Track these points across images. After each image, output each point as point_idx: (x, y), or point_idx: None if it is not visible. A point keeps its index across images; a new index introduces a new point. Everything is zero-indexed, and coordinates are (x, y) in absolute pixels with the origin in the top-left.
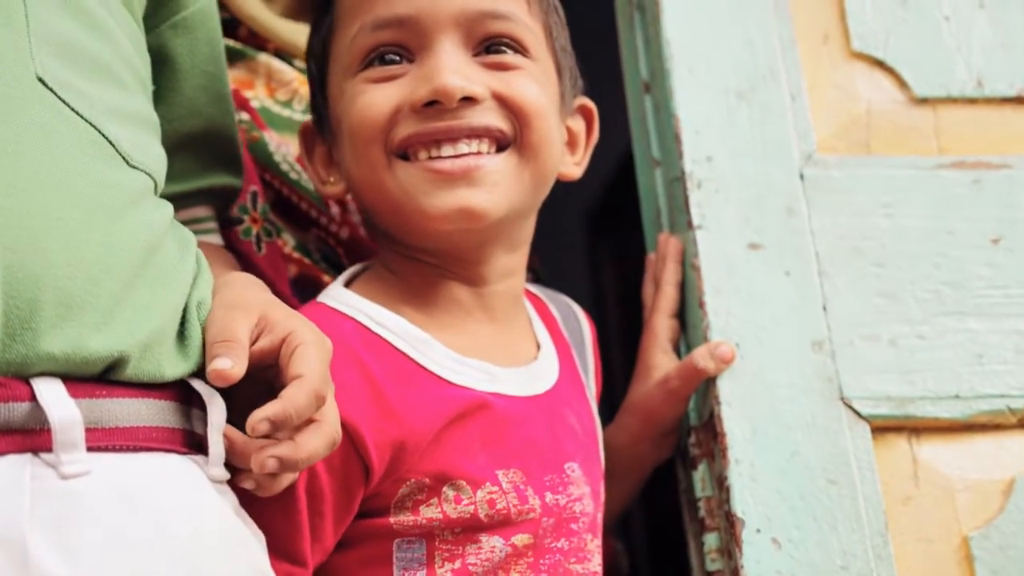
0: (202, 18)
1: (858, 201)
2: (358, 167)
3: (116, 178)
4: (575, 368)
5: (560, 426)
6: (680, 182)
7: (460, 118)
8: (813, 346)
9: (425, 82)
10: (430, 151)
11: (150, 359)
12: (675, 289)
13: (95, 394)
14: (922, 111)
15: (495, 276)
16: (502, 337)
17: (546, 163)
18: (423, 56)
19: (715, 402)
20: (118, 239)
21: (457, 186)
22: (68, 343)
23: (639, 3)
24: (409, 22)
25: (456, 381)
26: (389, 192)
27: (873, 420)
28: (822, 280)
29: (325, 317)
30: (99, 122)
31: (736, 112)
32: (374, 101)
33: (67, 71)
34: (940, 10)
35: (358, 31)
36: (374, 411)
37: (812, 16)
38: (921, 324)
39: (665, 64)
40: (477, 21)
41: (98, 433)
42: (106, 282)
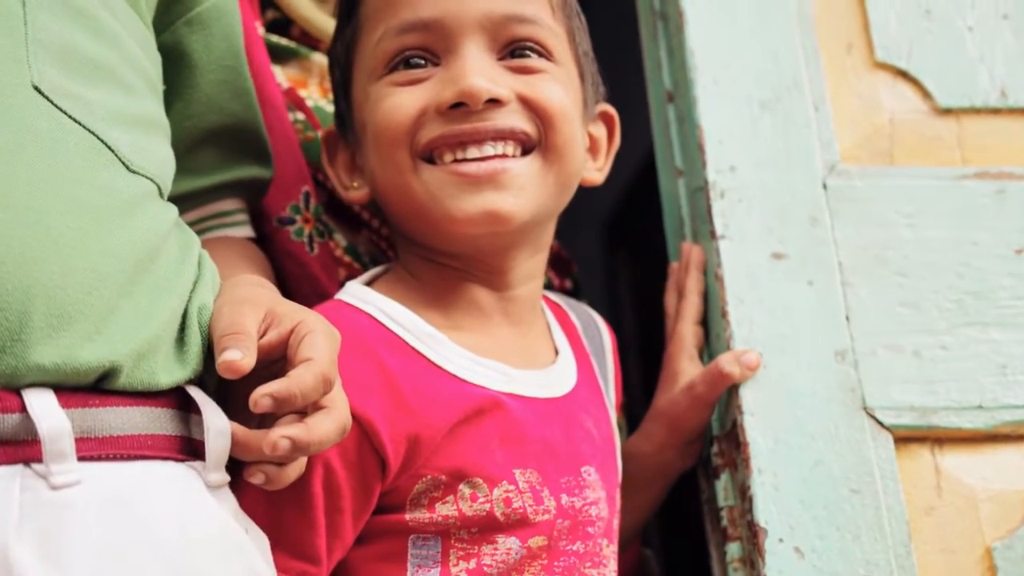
0: (217, 13)
1: (881, 211)
2: (384, 170)
3: (114, 184)
4: (594, 375)
5: (577, 430)
6: (703, 192)
7: (486, 120)
8: (836, 356)
9: (451, 84)
10: (456, 153)
11: (144, 368)
12: (700, 297)
13: (88, 403)
14: (945, 121)
15: (517, 280)
16: (521, 341)
17: (570, 166)
18: (448, 59)
19: (738, 411)
20: (114, 246)
21: (483, 189)
22: (59, 354)
23: (662, 13)
24: (434, 25)
25: (471, 379)
26: (415, 195)
27: (896, 430)
28: (845, 290)
29: (341, 312)
30: (98, 128)
31: (759, 122)
32: (399, 104)
33: (66, 77)
34: (964, 20)
35: (382, 35)
36: (388, 404)
37: (835, 26)
38: (944, 334)
39: (689, 74)
40: (502, 24)
41: (90, 442)
42: (100, 290)
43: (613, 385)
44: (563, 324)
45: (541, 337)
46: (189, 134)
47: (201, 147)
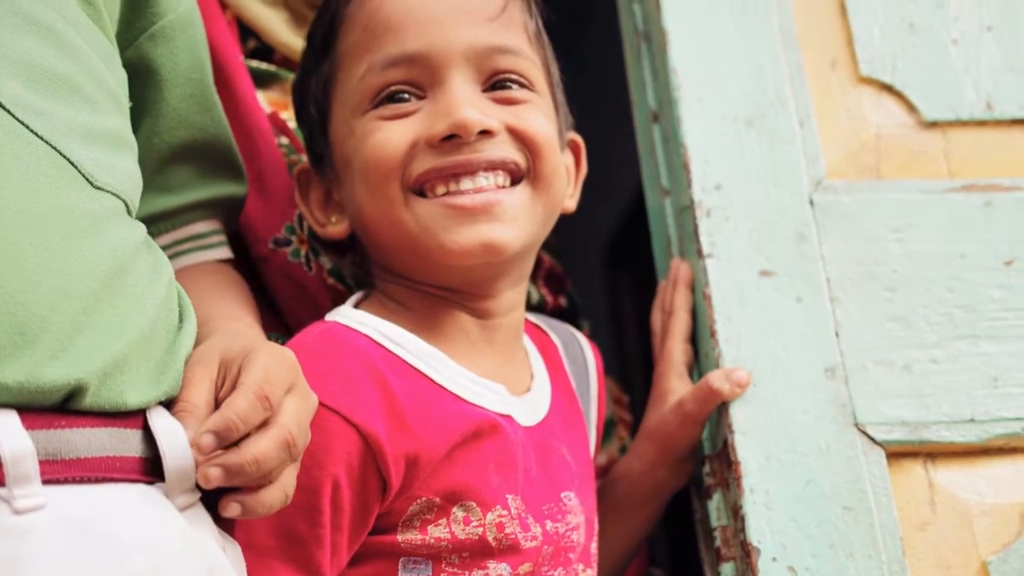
0: (180, 26)
1: (869, 226)
2: (373, 204)
3: (77, 201)
4: (573, 398)
5: (552, 456)
6: (690, 211)
7: (478, 151)
8: (826, 372)
9: (442, 117)
10: (448, 185)
11: (111, 386)
12: (688, 314)
13: (53, 424)
14: (932, 135)
15: (501, 310)
16: (506, 368)
17: (556, 195)
18: (435, 92)
19: (728, 431)
20: (78, 263)
21: (478, 221)
22: (22, 373)
23: (646, 33)
24: (420, 59)
25: (471, 400)
26: (407, 228)
27: (888, 445)
28: (834, 306)
29: (339, 332)
30: (61, 143)
31: (745, 140)
32: (389, 137)
33: (29, 91)
34: (948, 33)
35: (367, 70)
36: (391, 424)
37: (819, 42)
38: (935, 348)
39: (673, 94)
40: (486, 56)
41: (56, 465)
42: (64, 308)
43: (595, 405)
44: (542, 347)
45: (521, 364)
46: (159, 151)
47: (172, 164)
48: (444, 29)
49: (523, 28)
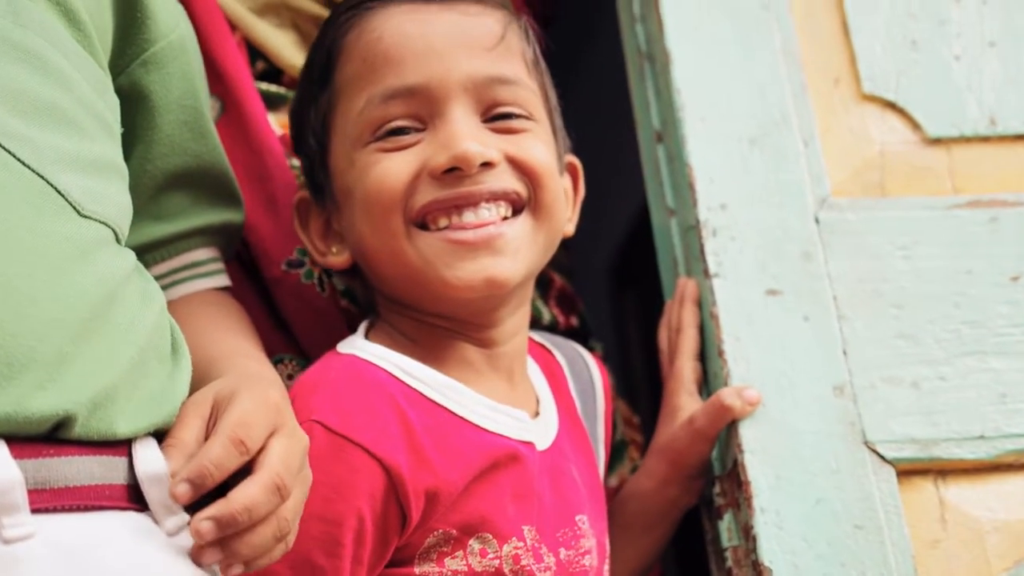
0: (173, 53)
1: (875, 243)
2: (374, 236)
3: (64, 230)
4: (577, 419)
5: (564, 480)
6: (695, 230)
7: (480, 183)
8: (835, 391)
9: (444, 149)
10: (451, 217)
11: (100, 417)
12: (696, 331)
13: (42, 453)
14: (936, 151)
15: (504, 337)
16: (513, 394)
17: (557, 223)
18: (436, 123)
19: (738, 450)
20: (66, 293)
21: (480, 255)
22: (10, 403)
23: (649, 53)
24: (420, 91)
25: (492, 428)
26: (409, 261)
27: (898, 463)
28: (841, 324)
29: (358, 366)
30: (47, 172)
31: (749, 159)
32: (391, 170)
33: (15, 119)
34: (950, 50)
35: (367, 102)
36: (412, 458)
37: (822, 60)
38: (943, 365)
39: (676, 113)
40: (486, 87)
41: (44, 494)
42: (52, 338)
43: (603, 423)
44: (546, 366)
45: (527, 389)
46: (152, 178)
47: (167, 191)
48: (443, 61)
49: (521, 56)
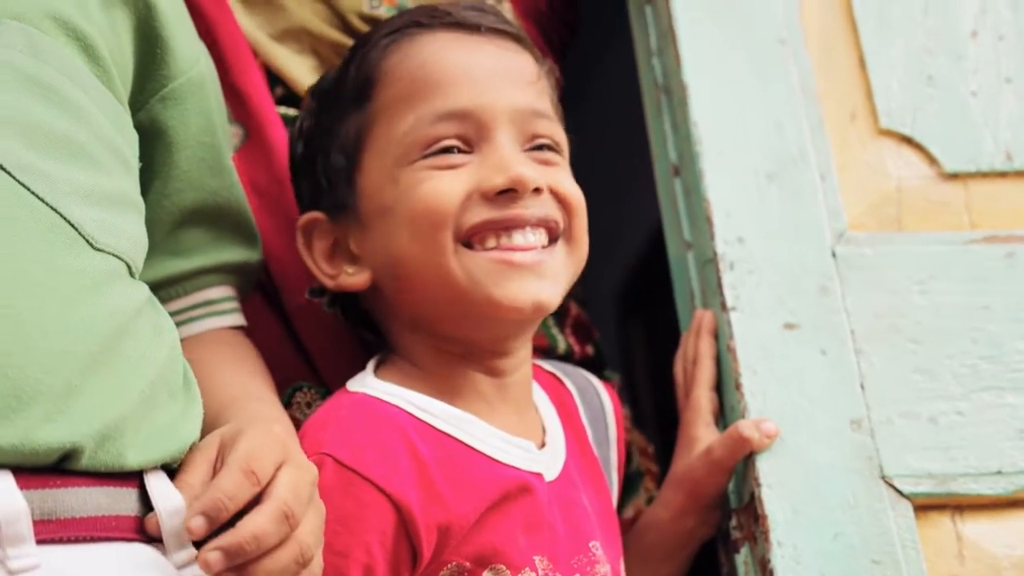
0: (191, 88)
1: (892, 278)
2: (422, 252)
3: (76, 263)
4: (588, 446)
5: (574, 508)
6: (713, 264)
7: (528, 207)
8: (852, 425)
9: (500, 171)
10: (499, 239)
11: (109, 449)
12: (713, 362)
13: (48, 484)
14: (952, 186)
15: (514, 366)
16: (521, 425)
17: (584, 254)
18: (484, 147)
19: (755, 484)
20: (76, 325)
21: (527, 278)
22: (16, 435)
23: (666, 87)
24: (470, 115)
25: (504, 460)
26: (454, 279)
27: (915, 498)
28: (858, 358)
29: (369, 403)
30: (60, 205)
31: (766, 193)
32: (444, 188)
33: (30, 152)
34: (966, 85)
35: (416, 122)
36: (423, 494)
37: (839, 95)
38: (960, 400)
39: (694, 147)
40: (527, 119)
41: (50, 525)
42: (61, 371)
43: (615, 449)
44: (556, 395)
45: (534, 419)
46: (169, 213)
47: (184, 227)
48: (491, 88)
49: (550, 97)
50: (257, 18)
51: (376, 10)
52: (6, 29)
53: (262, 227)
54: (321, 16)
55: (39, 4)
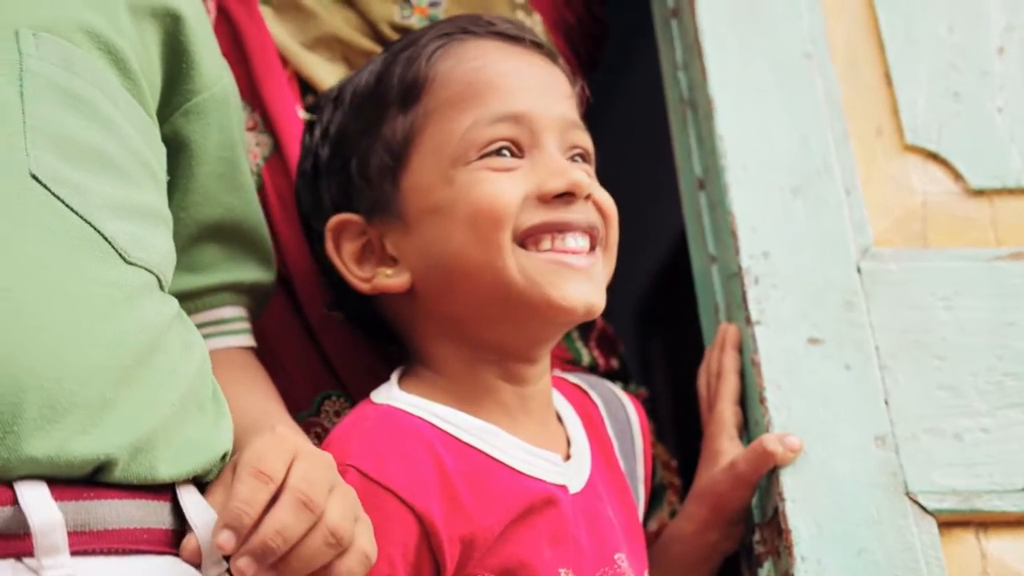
0: (215, 104)
1: (917, 294)
2: (480, 251)
3: (110, 276)
4: (614, 459)
5: (600, 520)
6: (737, 278)
7: (579, 213)
8: (876, 440)
9: (558, 176)
10: (554, 241)
11: (142, 461)
12: (737, 376)
13: (82, 496)
14: (978, 202)
15: (536, 375)
16: (544, 435)
17: (614, 263)
18: (535, 152)
19: (779, 498)
20: (110, 339)
21: (580, 279)
22: (52, 446)
23: (691, 101)
24: (525, 119)
25: (529, 472)
26: (510, 278)
27: (939, 515)
28: (883, 374)
29: (394, 415)
30: (94, 217)
31: (792, 207)
32: (504, 188)
33: (65, 165)
34: (992, 102)
35: (474, 123)
36: (447, 506)
37: (865, 110)
38: (985, 416)
39: (719, 161)
40: (569, 129)
41: (85, 536)
42: (95, 383)
43: (642, 462)
44: (581, 407)
45: (556, 430)
46: (187, 227)
47: (200, 243)
48: (542, 96)
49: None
50: (288, 26)
51: (407, 20)
52: (41, 42)
53: (286, 237)
54: (352, 25)
55: (73, 17)
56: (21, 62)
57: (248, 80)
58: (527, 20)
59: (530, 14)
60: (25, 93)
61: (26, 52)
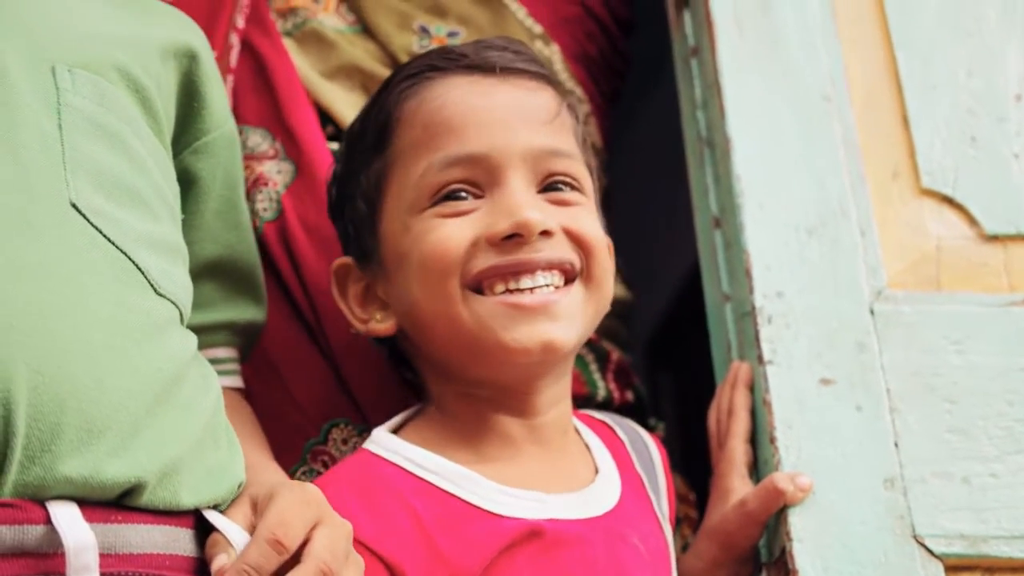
0: (223, 143)
1: (929, 337)
2: (431, 301)
3: (144, 305)
4: (643, 490)
5: (621, 546)
6: (750, 317)
7: (537, 251)
8: (885, 483)
9: (505, 216)
10: (508, 283)
11: (167, 487)
12: (748, 414)
13: (110, 519)
14: (992, 248)
15: (544, 406)
16: (555, 465)
17: (606, 294)
18: (495, 191)
19: (787, 538)
20: (143, 365)
21: (537, 319)
22: (86, 468)
23: (709, 140)
24: (480, 159)
25: (505, 512)
26: (464, 325)
27: (946, 559)
28: (893, 416)
29: (370, 463)
30: (130, 249)
31: (806, 248)
32: (450, 235)
33: (100, 198)
34: (1009, 148)
35: (426, 168)
36: (423, 555)
37: (882, 153)
38: (994, 462)
39: (735, 200)
40: (543, 158)
41: (111, 559)
42: (129, 408)
43: (666, 499)
44: (609, 442)
45: (578, 458)
46: (191, 263)
47: (199, 280)
48: (504, 131)
49: (573, 133)
50: (310, 57)
51: (426, 49)
52: (76, 78)
53: (310, 262)
54: (373, 56)
55: (106, 55)
56: (58, 97)
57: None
58: (545, 50)
59: (548, 44)
60: (64, 126)
61: (63, 87)
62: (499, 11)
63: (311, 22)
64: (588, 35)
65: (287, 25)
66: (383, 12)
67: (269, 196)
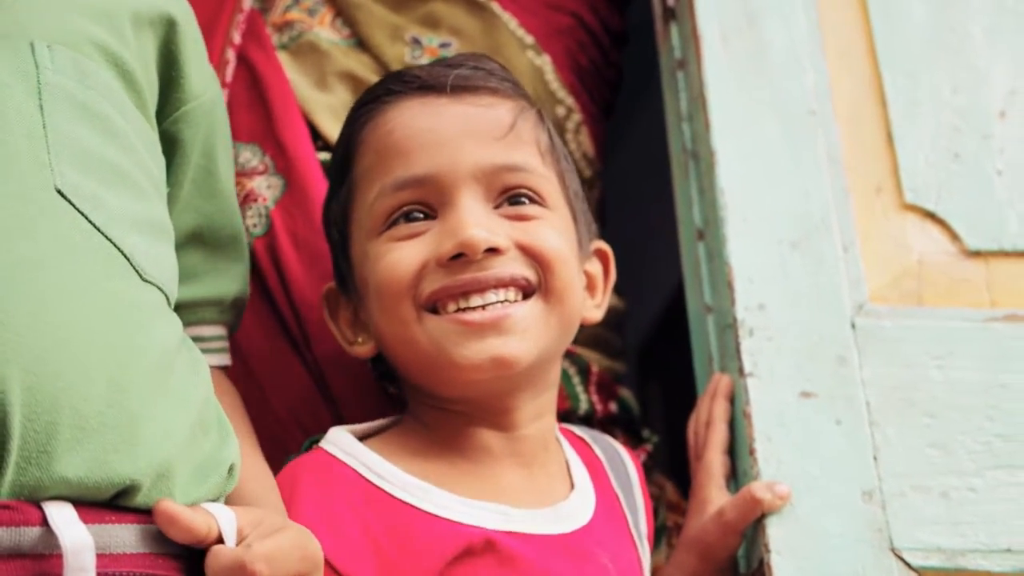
0: (203, 111)
1: (910, 352)
2: (388, 324)
3: (130, 294)
4: (619, 508)
5: (588, 565)
6: (732, 329)
7: (486, 269)
8: (864, 496)
9: (450, 236)
10: (459, 303)
11: (160, 487)
12: (726, 426)
13: (104, 519)
14: (974, 264)
15: (524, 420)
16: (531, 480)
17: (571, 308)
18: (445, 211)
19: (765, 550)
20: (133, 358)
21: (487, 336)
22: (83, 467)
23: (694, 152)
24: (429, 181)
25: (461, 520)
26: (419, 346)
27: (924, 572)
28: (873, 430)
29: (328, 466)
30: (115, 234)
31: (789, 261)
32: (400, 259)
33: (86, 179)
34: (992, 164)
35: (378, 193)
36: (377, 563)
37: (865, 168)
38: (973, 476)
39: (719, 212)
40: (495, 174)
41: (106, 559)
42: (121, 403)
43: (643, 515)
44: (586, 458)
45: (555, 474)
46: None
47: (183, 250)
48: (452, 151)
49: (534, 143)
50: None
51: (418, 60)
52: (55, 54)
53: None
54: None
55: (81, 30)
56: (38, 75)
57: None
58: (536, 60)
59: (540, 54)
60: (45, 106)
61: (42, 64)
62: (490, 22)
63: (307, 35)
64: (580, 45)
65: (283, 39)
66: (376, 24)
67: (258, 212)
